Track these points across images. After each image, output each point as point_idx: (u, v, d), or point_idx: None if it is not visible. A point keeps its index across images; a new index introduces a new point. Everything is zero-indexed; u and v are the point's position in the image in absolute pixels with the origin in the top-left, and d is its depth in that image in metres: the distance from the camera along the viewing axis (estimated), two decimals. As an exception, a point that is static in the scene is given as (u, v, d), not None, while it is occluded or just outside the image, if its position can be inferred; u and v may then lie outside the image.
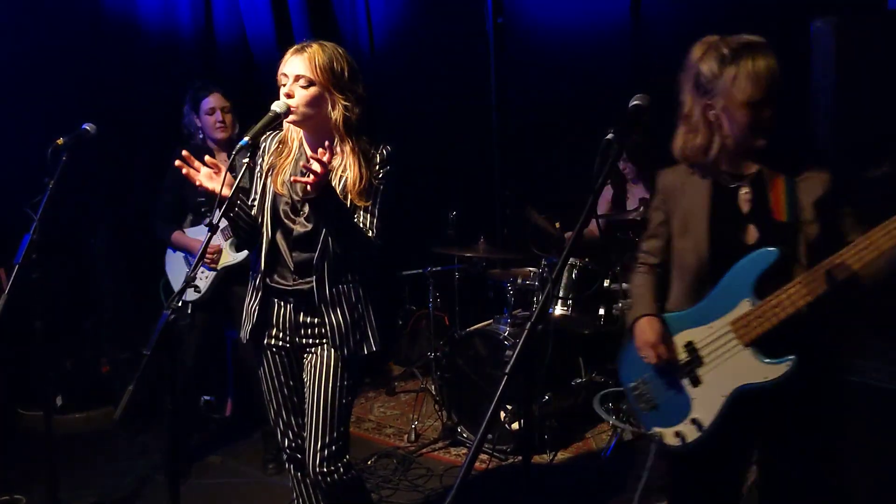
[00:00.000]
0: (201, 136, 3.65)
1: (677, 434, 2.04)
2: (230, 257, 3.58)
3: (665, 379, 2.08)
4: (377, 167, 2.32)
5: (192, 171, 2.23)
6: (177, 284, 3.74)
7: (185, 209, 3.67)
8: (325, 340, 2.38)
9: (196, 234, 3.64)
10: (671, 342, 2.05)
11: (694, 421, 2.00)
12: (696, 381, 2.01)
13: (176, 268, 3.77)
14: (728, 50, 1.86)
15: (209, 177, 2.25)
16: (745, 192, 1.96)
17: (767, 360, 1.87)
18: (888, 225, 1.73)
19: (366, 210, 2.31)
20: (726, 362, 1.94)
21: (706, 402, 1.98)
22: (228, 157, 3.65)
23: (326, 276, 2.34)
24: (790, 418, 1.94)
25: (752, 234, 1.93)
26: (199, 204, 3.61)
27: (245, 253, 3.54)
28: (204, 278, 3.59)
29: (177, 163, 2.22)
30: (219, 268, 3.58)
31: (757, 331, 1.88)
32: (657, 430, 2.09)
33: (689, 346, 2.02)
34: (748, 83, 1.83)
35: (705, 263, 1.97)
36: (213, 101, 3.59)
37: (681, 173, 2.06)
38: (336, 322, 2.36)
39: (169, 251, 3.78)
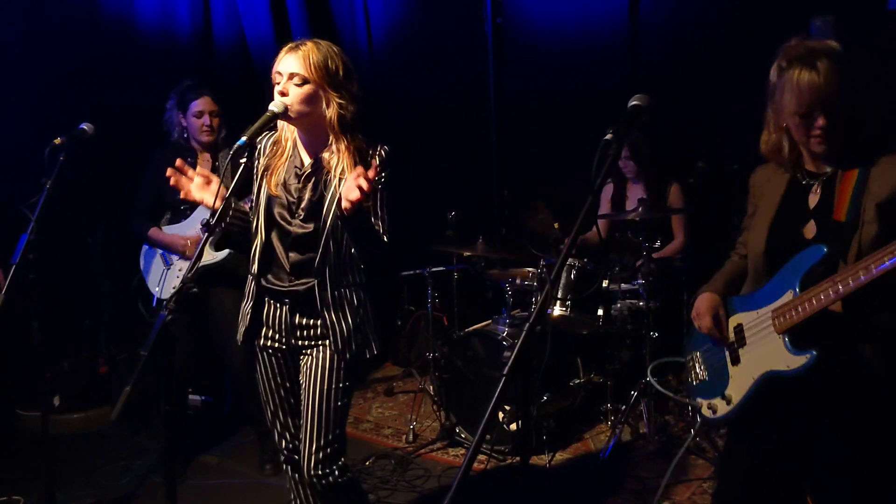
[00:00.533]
0: (185, 135, 3.61)
1: (710, 406, 2.18)
2: (209, 256, 3.49)
3: (714, 355, 2.22)
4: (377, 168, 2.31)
5: (183, 180, 2.25)
6: (152, 283, 3.68)
7: (163, 206, 3.63)
8: (320, 342, 2.37)
9: (174, 232, 3.60)
10: (721, 319, 2.18)
11: (725, 396, 2.13)
12: (736, 361, 2.13)
13: (152, 266, 3.70)
14: (785, 61, 1.94)
15: (200, 187, 2.27)
16: (815, 190, 2.02)
17: (791, 350, 1.95)
18: None
19: (369, 211, 2.30)
20: (761, 346, 2.04)
21: (739, 381, 2.10)
22: (211, 159, 3.62)
23: (329, 279, 2.33)
24: (830, 413, 1.98)
25: (811, 229, 1.99)
26: (178, 202, 3.55)
27: (225, 252, 3.48)
28: (180, 274, 3.56)
29: (168, 171, 2.24)
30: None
31: (790, 321, 1.95)
32: (699, 400, 2.24)
33: (738, 328, 2.13)
34: (790, 96, 1.91)
35: (760, 253, 2.07)
36: (202, 104, 3.54)
37: (769, 170, 2.16)
38: (339, 325, 2.35)
39: (145, 248, 3.72)
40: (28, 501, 3.38)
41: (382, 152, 2.33)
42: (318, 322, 2.36)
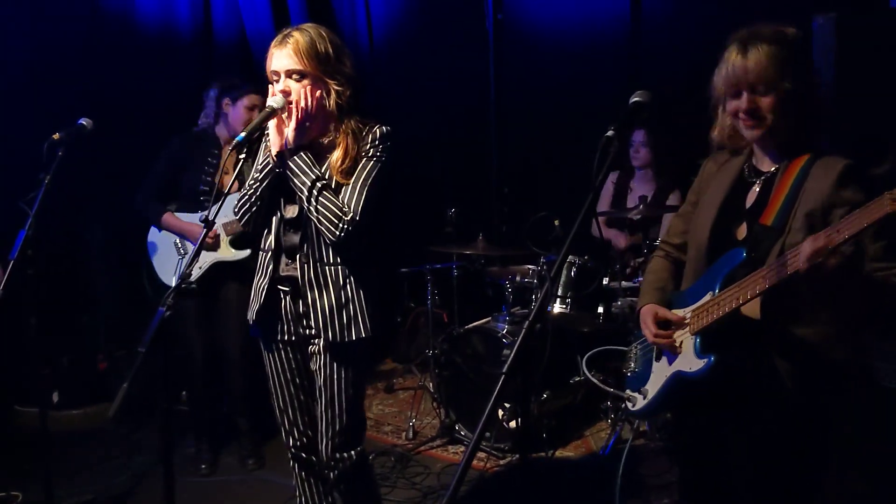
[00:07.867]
0: (214, 124, 3.61)
1: (630, 399, 2.16)
2: (230, 253, 3.52)
3: (647, 348, 2.17)
4: (367, 145, 2.30)
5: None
6: (161, 270, 3.63)
7: (176, 194, 3.58)
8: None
9: (190, 220, 3.54)
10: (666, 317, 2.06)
11: (642, 391, 2.10)
12: (658, 357, 2.09)
13: (163, 252, 3.64)
14: (728, 45, 1.89)
15: (277, 127, 2.26)
16: (754, 189, 1.94)
17: (696, 352, 1.91)
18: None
19: (347, 185, 2.28)
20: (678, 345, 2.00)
21: (657, 377, 2.07)
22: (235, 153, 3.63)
23: (310, 258, 2.32)
24: (737, 422, 1.93)
25: (742, 231, 1.93)
26: (200, 192, 3.52)
27: (246, 252, 3.50)
28: (197, 269, 3.47)
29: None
30: (212, 260, 3.52)
31: (701, 323, 1.91)
32: (628, 391, 2.20)
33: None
34: (721, 79, 1.88)
35: (703, 250, 1.99)
36: (257, 99, 3.51)
37: (720, 160, 2.08)
38: (320, 305, 2.33)
39: (154, 233, 3.66)
40: (27, 497, 3.37)
41: (378, 131, 2.32)
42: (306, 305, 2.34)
